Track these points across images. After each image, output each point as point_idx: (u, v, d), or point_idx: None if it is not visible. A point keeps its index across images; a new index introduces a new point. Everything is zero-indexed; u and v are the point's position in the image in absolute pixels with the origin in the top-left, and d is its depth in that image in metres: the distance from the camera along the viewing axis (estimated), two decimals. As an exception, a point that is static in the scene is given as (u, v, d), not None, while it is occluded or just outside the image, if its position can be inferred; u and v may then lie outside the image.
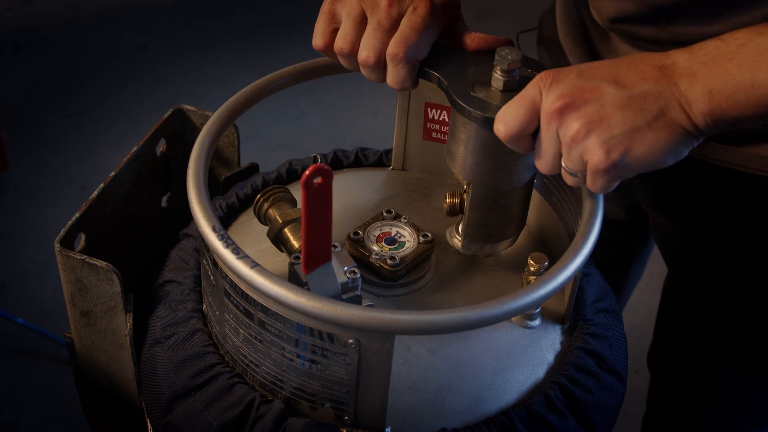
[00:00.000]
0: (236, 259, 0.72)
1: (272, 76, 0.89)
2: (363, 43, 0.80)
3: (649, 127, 0.69)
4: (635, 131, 0.69)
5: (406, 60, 0.79)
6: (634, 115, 0.69)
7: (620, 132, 0.69)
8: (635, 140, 0.69)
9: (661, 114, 0.69)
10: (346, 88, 2.53)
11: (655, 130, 0.69)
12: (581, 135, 0.70)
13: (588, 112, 0.70)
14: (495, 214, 0.84)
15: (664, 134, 0.69)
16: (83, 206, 0.90)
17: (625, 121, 0.69)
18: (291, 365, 0.76)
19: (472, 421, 0.78)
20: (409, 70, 0.80)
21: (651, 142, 0.69)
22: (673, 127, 0.69)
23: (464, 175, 0.82)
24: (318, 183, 0.67)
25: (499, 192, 0.82)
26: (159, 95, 2.47)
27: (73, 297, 0.88)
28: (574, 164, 0.72)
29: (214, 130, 0.84)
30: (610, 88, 0.70)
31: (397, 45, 0.78)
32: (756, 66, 0.67)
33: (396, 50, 0.78)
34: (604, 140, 0.69)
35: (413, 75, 0.81)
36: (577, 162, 0.71)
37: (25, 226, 2.09)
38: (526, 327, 0.85)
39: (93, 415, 1.00)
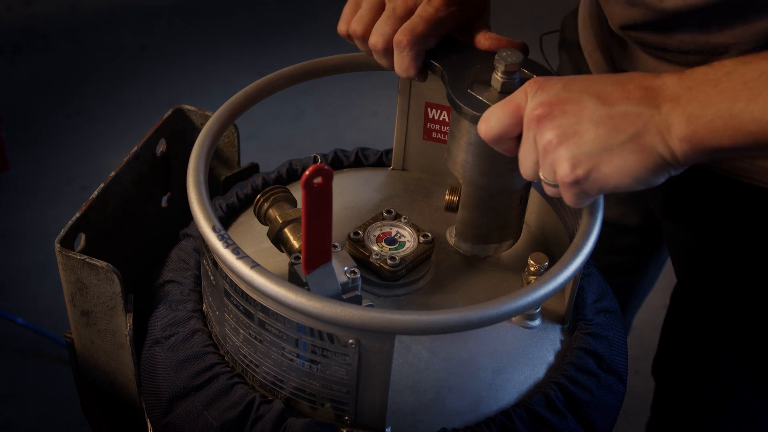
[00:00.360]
0: (236, 259, 0.72)
1: (272, 76, 0.89)
2: (375, 28, 0.82)
3: (620, 148, 0.68)
4: (606, 150, 0.68)
5: (409, 48, 0.80)
6: (608, 133, 0.68)
7: (590, 149, 0.69)
8: (604, 159, 0.68)
9: (636, 136, 0.68)
10: (346, 88, 2.53)
11: (626, 152, 0.68)
12: (553, 145, 0.70)
13: (563, 123, 0.69)
14: (485, 215, 0.84)
15: (634, 157, 0.68)
16: (83, 206, 0.90)
17: (598, 139, 0.68)
18: (291, 365, 0.76)
19: (472, 421, 0.78)
20: (412, 58, 0.81)
21: (619, 163, 0.68)
22: (646, 152, 0.68)
23: (457, 172, 0.83)
24: (318, 183, 0.67)
25: (490, 193, 0.82)
26: (159, 95, 2.47)
27: (73, 297, 0.88)
28: (546, 173, 0.72)
29: (214, 130, 0.84)
30: (591, 103, 0.69)
31: (403, 32, 0.80)
32: (736, 95, 0.65)
33: (401, 37, 0.80)
34: (572, 154, 0.69)
35: (417, 64, 0.81)
36: (549, 172, 0.71)
37: (25, 226, 2.09)
38: (526, 327, 0.85)
39: (93, 415, 1.00)
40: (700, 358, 1.10)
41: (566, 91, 0.70)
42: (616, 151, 0.68)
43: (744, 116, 0.65)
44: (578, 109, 0.69)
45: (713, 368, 1.08)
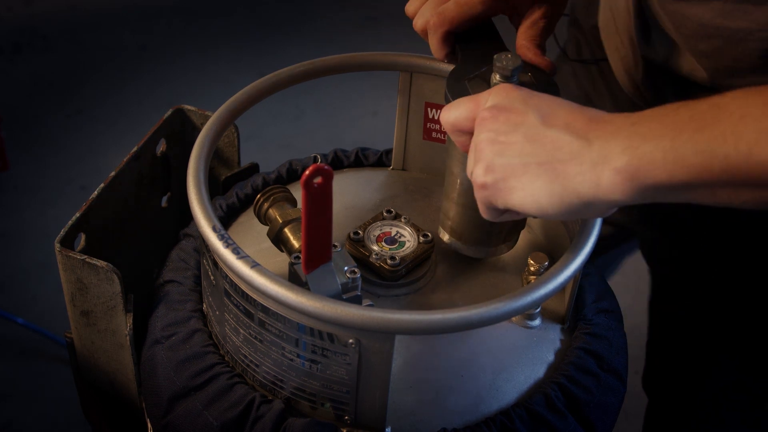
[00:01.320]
0: (236, 259, 0.72)
1: (272, 76, 0.89)
2: (420, 11, 0.86)
3: (536, 167, 0.67)
4: (521, 165, 0.67)
5: (435, 29, 0.84)
6: (531, 151, 0.67)
7: (508, 160, 0.68)
8: (515, 173, 0.68)
9: (556, 162, 0.66)
10: (346, 88, 2.53)
11: (538, 173, 0.67)
12: (481, 146, 0.70)
13: (499, 129, 0.69)
14: (461, 211, 0.84)
15: (542, 181, 0.67)
16: (83, 206, 0.90)
17: (520, 153, 0.68)
18: (291, 365, 0.76)
19: (472, 421, 0.78)
20: (438, 38, 0.85)
21: (527, 182, 0.67)
22: (559, 181, 0.66)
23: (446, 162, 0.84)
24: (318, 183, 0.67)
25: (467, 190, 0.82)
26: (159, 95, 2.47)
27: (73, 297, 0.88)
28: (470, 171, 0.73)
29: (214, 130, 0.84)
30: (532, 119, 0.68)
31: (435, 14, 0.84)
32: (681, 127, 0.62)
33: (432, 19, 0.84)
34: (491, 159, 0.69)
35: (445, 46, 0.85)
36: (470, 170, 0.72)
37: (25, 226, 2.08)
38: (526, 327, 0.85)
39: (93, 415, 1.00)
40: (692, 364, 1.10)
41: (520, 103, 0.70)
42: (530, 168, 0.67)
43: (686, 148, 0.61)
44: (519, 121, 0.69)
45: (706, 372, 1.07)
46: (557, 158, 0.66)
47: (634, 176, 0.63)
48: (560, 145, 0.66)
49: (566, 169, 0.66)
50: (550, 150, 0.67)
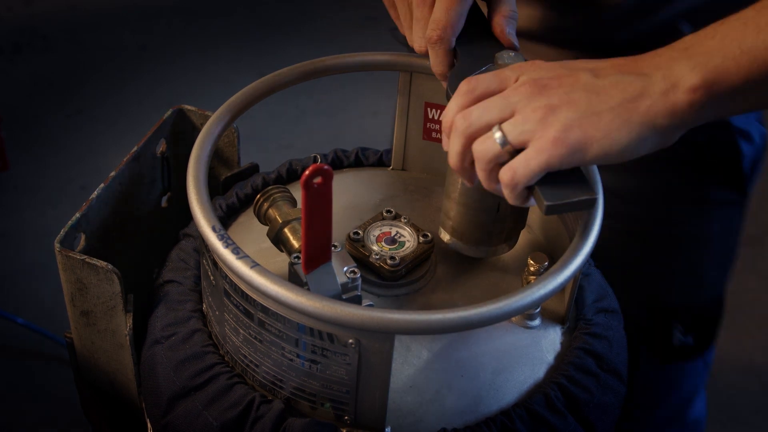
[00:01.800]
0: (236, 259, 0.72)
1: (272, 76, 0.89)
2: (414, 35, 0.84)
3: (610, 111, 0.69)
4: (596, 116, 0.69)
5: (438, 43, 0.81)
6: (602, 100, 0.69)
7: (581, 115, 0.69)
8: (595, 123, 0.69)
9: (626, 102, 0.69)
10: (346, 88, 2.53)
11: (612, 119, 0.69)
12: (538, 113, 0.70)
13: (555, 94, 0.70)
14: (462, 211, 0.84)
15: (621, 122, 0.68)
16: (83, 206, 0.90)
17: (592, 105, 0.69)
18: (291, 365, 0.76)
19: (472, 421, 0.78)
20: (444, 51, 0.82)
21: (605, 128, 0.69)
22: (635, 117, 0.68)
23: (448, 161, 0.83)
24: (318, 183, 0.67)
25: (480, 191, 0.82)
26: (159, 95, 2.47)
27: (73, 297, 0.88)
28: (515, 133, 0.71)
29: (214, 130, 0.84)
30: (584, 76, 0.71)
31: (433, 29, 0.81)
32: (741, 35, 0.66)
33: (433, 33, 0.81)
34: (564, 120, 0.69)
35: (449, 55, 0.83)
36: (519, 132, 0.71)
37: (25, 226, 2.09)
38: (526, 327, 0.85)
39: (93, 415, 1.00)
40: None
41: (562, 68, 0.72)
42: (604, 116, 0.69)
43: (756, 48, 0.66)
44: (572, 82, 0.70)
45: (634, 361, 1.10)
46: (626, 99, 0.68)
47: (710, 89, 0.67)
48: (624, 87, 0.69)
49: (638, 107, 0.68)
50: (616, 95, 0.69)
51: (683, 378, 1.12)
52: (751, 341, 1.95)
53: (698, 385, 1.15)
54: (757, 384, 1.88)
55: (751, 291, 2.06)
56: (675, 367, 1.10)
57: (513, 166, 0.71)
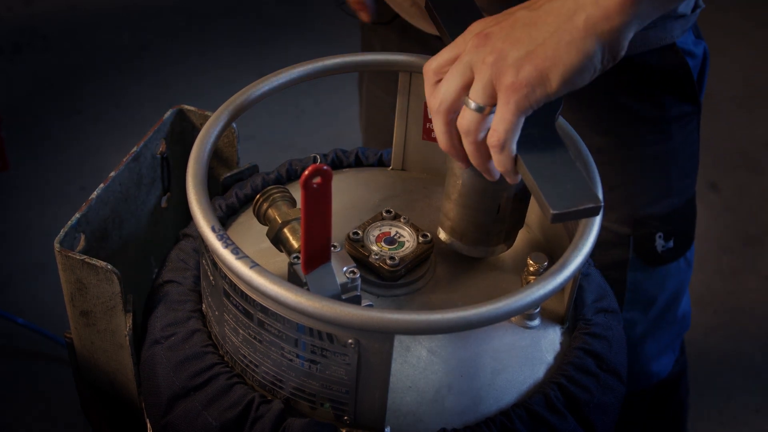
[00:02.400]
0: (235, 259, 0.72)
1: (272, 76, 0.89)
2: None
3: (552, 36, 0.71)
4: (542, 46, 0.71)
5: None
6: (542, 30, 0.72)
7: (529, 49, 0.71)
8: (544, 53, 0.71)
9: (564, 24, 0.71)
10: (346, 88, 2.53)
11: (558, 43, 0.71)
12: (489, 59, 0.72)
13: (499, 39, 0.72)
14: (461, 211, 0.85)
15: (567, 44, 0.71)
16: (83, 206, 0.90)
17: (534, 37, 0.71)
18: (290, 365, 0.76)
19: (472, 421, 0.78)
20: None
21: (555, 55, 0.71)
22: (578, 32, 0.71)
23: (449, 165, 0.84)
24: (317, 183, 0.68)
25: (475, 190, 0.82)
26: (159, 95, 2.47)
27: (72, 297, 0.88)
28: (478, 93, 0.73)
29: (214, 130, 0.84)
30: (522, 13, 0.73)
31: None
32: None
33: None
34: (514, 58, 0.71)
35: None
36: (483, 89, 0.73)
37: (25, 226, 2.09)
38: (526, 327, 0.85)
39: (93, 415, 1.00)
40: None
41: (500, 16, 0.75)
42: (549, 43, 0.71)
43: None
44: (511, 22, 0.73)
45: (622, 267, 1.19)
46: (562, 20, 0.71)
47: None
48: (557, 11, 0.72)
49: (576, 23, 0.71)
50: (552, 20, 0.71)
51: (670, 278, 1.21)
52: (751, 341, 1.95)
53: (683, 281, 1.24)
54: (757, 384, 1.88)
55: (751, 291, 2.06)
56: (661, 270, 1.19)
57: (494, 128, 0.73)
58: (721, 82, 2.57)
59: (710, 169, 2.32)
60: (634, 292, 1.20)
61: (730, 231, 2.19)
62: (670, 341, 1.31)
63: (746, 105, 2.55)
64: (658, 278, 1.21)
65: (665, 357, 1.31)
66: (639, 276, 1.19)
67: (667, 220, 1.17)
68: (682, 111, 1.13)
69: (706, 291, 2.04)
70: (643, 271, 1.18)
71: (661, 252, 1.17)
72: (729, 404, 1.83)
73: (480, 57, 0.73)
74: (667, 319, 1.26)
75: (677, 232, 1.18)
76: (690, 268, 1.25)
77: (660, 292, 1.22)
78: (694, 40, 1.12)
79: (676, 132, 1.14)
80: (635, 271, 1.18)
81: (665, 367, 1.32)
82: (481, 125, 0.74)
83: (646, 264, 1.18)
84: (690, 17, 1.09)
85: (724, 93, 2.56)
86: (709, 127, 2.47)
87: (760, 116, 2.52)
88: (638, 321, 1.23)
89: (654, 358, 1.29)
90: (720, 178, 2.32)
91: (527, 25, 0.72)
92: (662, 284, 1.22)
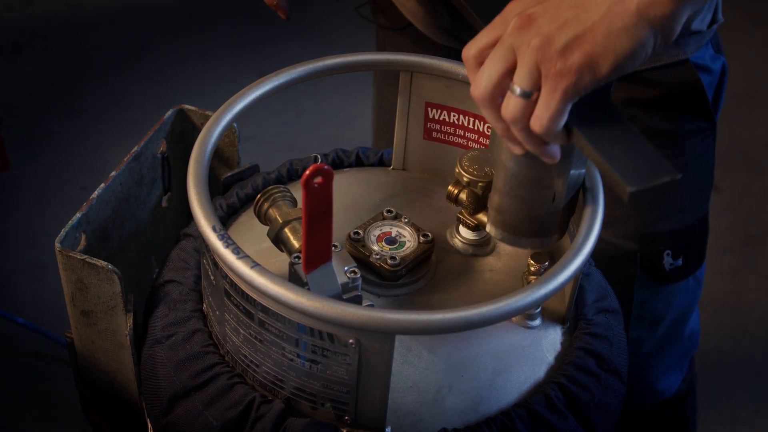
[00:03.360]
0: (236, 259, 0.72)
1: (272, 76, 0.89)
2: None
3: (602, 20, 0.68)
4: (591, 30, 0.68)
5: None
6: (590, 12, 0.68)
7: (578, 32, 0.68)
8: (594, 37, 0.68)
9: (614, 6, 0.68)
10: (346, 88, 2.53)
11: (609, 27, 0.68)
12: (536, 42, 0.68)
13: (546, 20, 0.69)
14: (514, 203, 0.82)
15: (618, 29, 0.67)
16: (83, 206, 0.90)
17: (584, 20, 0.68)
18: (291, 365, 0.76)
19: (473, 421, 0.78)
20: None
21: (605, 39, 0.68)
22: (630, 18, 0.67)
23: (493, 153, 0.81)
24: (318, 183, 0.68)
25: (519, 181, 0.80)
26: (159, 95, 2.47)
27: (73, 297, 0.88)
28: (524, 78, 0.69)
29: (215, 130, 0.84)
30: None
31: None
32: None
33: None
34: (563, 42, 0.68)
35: None
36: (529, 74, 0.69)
37: (25, 226, 2.08)
38: (527, 327, 0.85)
39: (93, 415, 1.00)
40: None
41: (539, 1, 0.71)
42: (599, 27, 0.68)
43: None
44: (557, 3, 0.69)
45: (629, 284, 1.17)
46: (613, 2, 0.67)
47: None
48: None
49: (627, 7, 0.67)
50: (602, 2, 0.68)
51: (677, 296, 1.18)
52: (751, 341, 1.95)
53: (692, 300, 1.22)
54: (757, 384, 1.88)
55: (751, 291, 2.06)
56: (669, 288, 1.16)
57: (537, 115, 0.70)
58: (721, 82, 2.57)
59: (710, 169, 2.32)
60: (641, 309, 1.17)
61: (730, 231, 2.19)
62: (677, 360, 1.28)
63: (746, 105, 2.55)
64: (665, 296, 1.18)
65: (672, 375, 1.28)
66: (646, 294, 1.16)
67: (677, 237, 1.14)
68: (695, 127, 1.10)
69: (706, 291, 2.03)
70: (650, 289, 1.16)
71: (669, 270, 1.15)
72: (729, 404, 1.83)
73: (525, 39, 0.69)
74: (675, 337, 1.24)
75: (687, 250, 1.15)
76: (700, 287, 1.23)
77: (667, 311, 1.20)
78: (713, 55, 1.09)
79: (689, 147, 1.10)
80: (642, 288, 1.16)
81: (672, 386, 1.29)
82: (529, 112, 0.71)
83: (652, 281, 1.15)
84: (706, 33, 1.06)
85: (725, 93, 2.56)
86: (709, 127, 2.48)
87: (760, 116, 2.52)
88: (645, 339, 1.21)
89: (660, 377, 1.27)
90: (720, 178, 2.32)
91: (574, 6, 0.68)
92: (670, 302, 1.19)
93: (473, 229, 0.89)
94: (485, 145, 0.94)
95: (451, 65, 0.91)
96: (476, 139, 0.95)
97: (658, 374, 1.26)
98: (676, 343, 1.25)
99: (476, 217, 0.88)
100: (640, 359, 1.21)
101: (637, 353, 1.20)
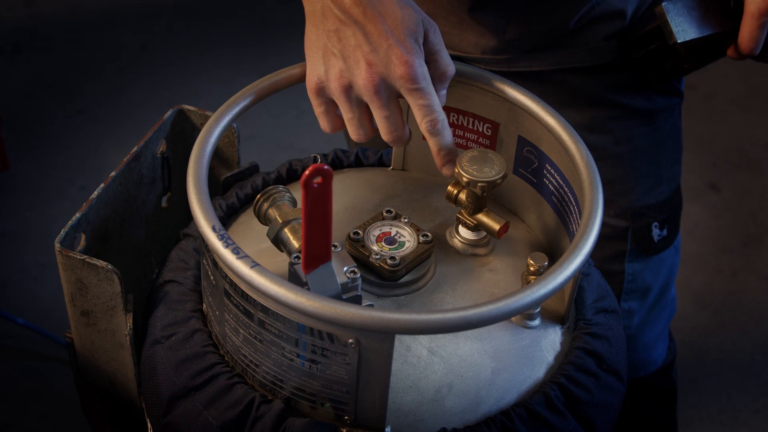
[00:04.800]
0: (236, 259, 0.72)
1: (272, 77, 0.89)
2: None
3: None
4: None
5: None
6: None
7: None
8: None
9: None
10: (346, 88, 2.53)
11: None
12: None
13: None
14: None
15: None
16: (83, 206, 0.90)
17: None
18: (291, 365, 0.76)
19: (472, 421, 0.78)
20: None
21: None
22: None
23: None
24: (318, 183, 0.68)
25: None
26: (159, 95, 2.47)
27: (73, 297, 0.88)
28: None
29: (214, 130, 0.84)
30: None
31: None
32: None
33: None
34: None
35: None
36: None
37: (25, 226, 2.09)
38: (526, 327, 0.85)
39: (93, 415, 1.00)
40: None
41: None
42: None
43: None
44: None
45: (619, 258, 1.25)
46: None
47: None
48: None
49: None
50: None
51: (662, 265, 1.27)
52: (751, 341, 1.95)
53: (673, 267, 1.31)
54: (757, 384, 1.88)
55: (751, 291, 2.06)
56: (656, 258, 1.25)
57: None
58: (721, 83, 2.57)
59: (710, 170, 2.32)
60: (632, 282, 1.24)
61: (730, 231, 2.19)
62: (663, 327, 1.36)
63: (746, 105, 2.55)
64: (653, 266, 1.25)
65: (660, 343, 1.36)
66: (636, 266, 1.23)
67: (660, 209, 1.22)
68: (668, 103, 1.18)
69: (706, 291, 2.04)
70: (641, 261, 1.23)
71: (657, 241, 1.23)
72: (729, 404, 1.83)
73: None
74: (660, 305, 1.31)
75: (669, 220, 1.23)
76: (678, 253, 1.31)
77: (655, 280, 1.27)
78: None
79: (663, 122, 1.19)
80: (633, 262, 1.23)
81: (661, 354, 1.37)
82: None
83: (643, 253, 1.22)
84: None
85: (724, 93, 2.56)
86: (709, 128, 2.48)
87: (760, 116, 2.52)
88: (636, 310, 1.28)
89: (652, 346, 1.34)
90: (720, 179, 2.32)
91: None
92: (657, 272, 1.27)
93: (473, 229, 0.89)
94: (485, 145, 0.94)
95: None
96: (476, 139, 0.95)
97: (650, 343, 1.33)
98: (661, 311, 1.33)
99: (476, 217, 0.88)
100: (633, 331, 1.29)
101: (629, 326, 1.28)
